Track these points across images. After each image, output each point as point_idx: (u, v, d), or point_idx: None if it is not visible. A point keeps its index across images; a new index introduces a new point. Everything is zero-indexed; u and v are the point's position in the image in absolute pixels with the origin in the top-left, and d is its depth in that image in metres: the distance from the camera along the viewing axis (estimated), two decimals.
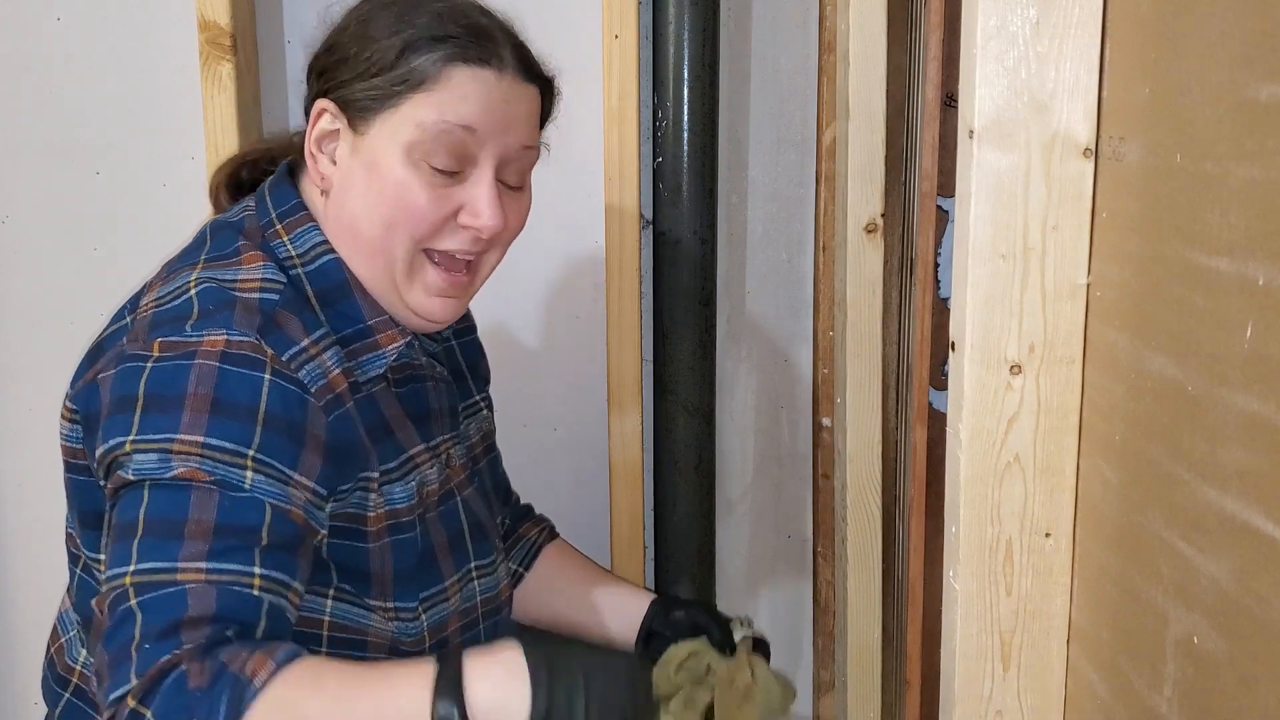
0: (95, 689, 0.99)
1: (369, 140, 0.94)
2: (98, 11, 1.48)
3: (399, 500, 0.97)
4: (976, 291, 0.75)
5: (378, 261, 0.95)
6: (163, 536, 0.81)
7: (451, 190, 0.94)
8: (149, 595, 0.80)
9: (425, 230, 0.94)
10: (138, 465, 0.83)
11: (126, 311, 0.96)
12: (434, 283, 0.96)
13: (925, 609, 1.18)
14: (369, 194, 0.94)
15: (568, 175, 1.55)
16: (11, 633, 1.62)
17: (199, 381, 0.84)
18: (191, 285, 0.91)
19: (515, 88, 0.95)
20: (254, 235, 0.96)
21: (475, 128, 0.93)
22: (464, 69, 0.92)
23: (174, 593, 0.80)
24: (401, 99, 0.92)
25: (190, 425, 0.83)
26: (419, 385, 1.04)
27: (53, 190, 1.52)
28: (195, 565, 0.81)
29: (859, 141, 1.39)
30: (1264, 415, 0.57)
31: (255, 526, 0.83)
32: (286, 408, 0.87)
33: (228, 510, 0.83)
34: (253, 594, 0.82)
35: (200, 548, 0.81)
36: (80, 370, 0.95)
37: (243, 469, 0.84)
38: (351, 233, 0.95)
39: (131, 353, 0.88)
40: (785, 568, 1.81)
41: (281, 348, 0.88)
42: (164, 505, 0.83)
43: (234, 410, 0.85)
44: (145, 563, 0.81)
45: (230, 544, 0.82)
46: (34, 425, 1.57)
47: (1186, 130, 0.64)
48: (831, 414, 1.63)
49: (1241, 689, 0.60)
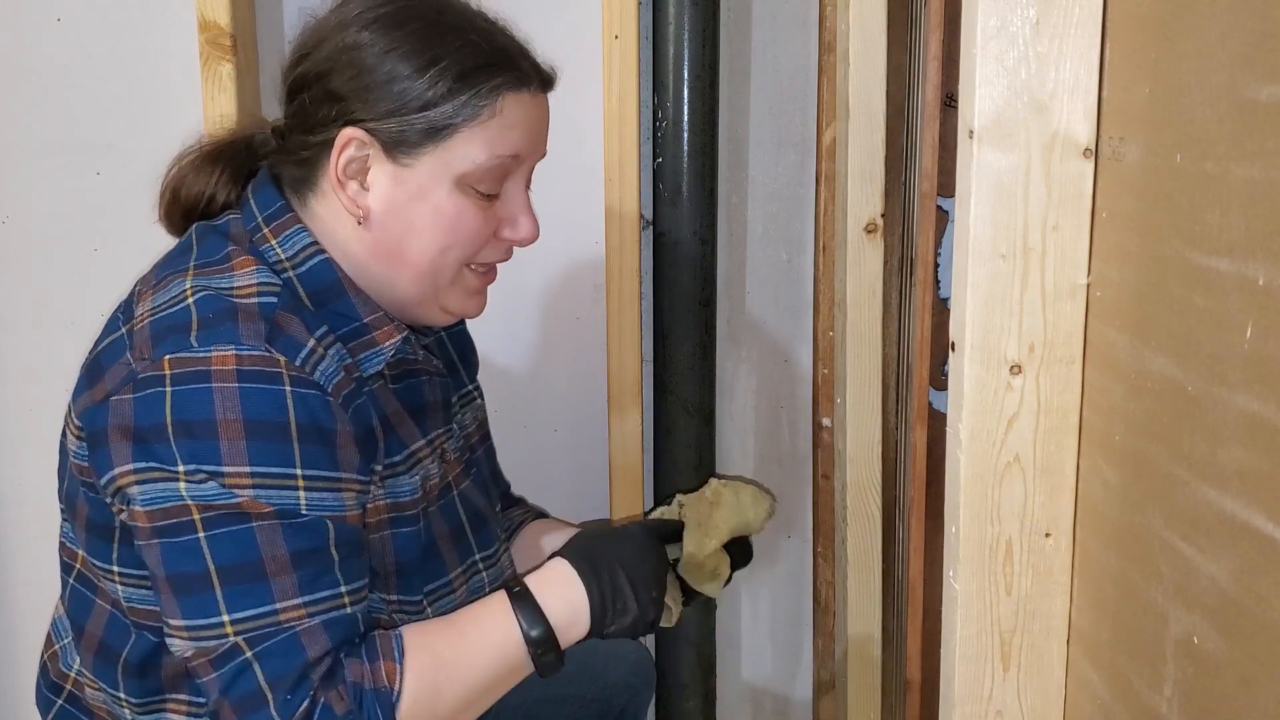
0: (90, 697, 1.00)
1: (415, 172, 0.93)
2: (98, 12, 1.48)
3: (404, 494, 0.98)
4: (976, 291, 0.75)
5: (426, 281, 0.97)
6: (248, 580, 0.85)
7: (493, 209, 0.97)
8: (262, 646, 0.85)
9: (475, 250, 0.98)
10: (193, 490, 0.85)
11: (120, 322, 0.94)
12: (473, 285, 1.00)
13: (925, 609, 1.18)
14: (420, 222, 0.95)
15: (568, 176, 1.55)
16: (11, 633, 1.62)
17: (224, 406, 0.85)
18: (189, 294, 0.90)
19: (541, 101, 0.99)
20: (241, 240, 0.96)
21: (522, 155, 0.97)
22: (509, 97, 0.94)
23: (287, 638, 0.86)
24: (454, 132, 0.93)
25: (231, 455, 0.85)
26: (415, 381, 1.04)
27: (53, 190, 1.52)
28: (292, 603, 0.86)
29: (859, 141, 1.39)
30: (1264, 415, 0.57)
31: (324, 546, 0.88)
32: (312, 415, 0.87)
33: (294, 538, 0.86)
34: (348, 613, 0.89)
35: (289, 583, 0.86)
36: (80, 386, 0.94)
37: (295, 489, 0.86)
38: (396, 256, 0.96)
39: (144, 375, 0.86)
40: (785, 568, 1.81)
41: (292, 352, 0.88)
42: (231, 546, 0.85)
43: (267, 431, 0.85)
44: (241, 611, 0.85)
45: (313, 570, 0.87)
46: (34, 425, 1.57)
47: (1186, 130, 0.64)
48: (831, 414, 1.63)
49: (1241, 689, 0.60)
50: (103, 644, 0.97)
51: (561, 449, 1.68)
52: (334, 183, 0.94)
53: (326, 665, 0.86)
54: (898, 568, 1.43)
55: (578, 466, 1.68)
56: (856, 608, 1.49)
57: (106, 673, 0.97)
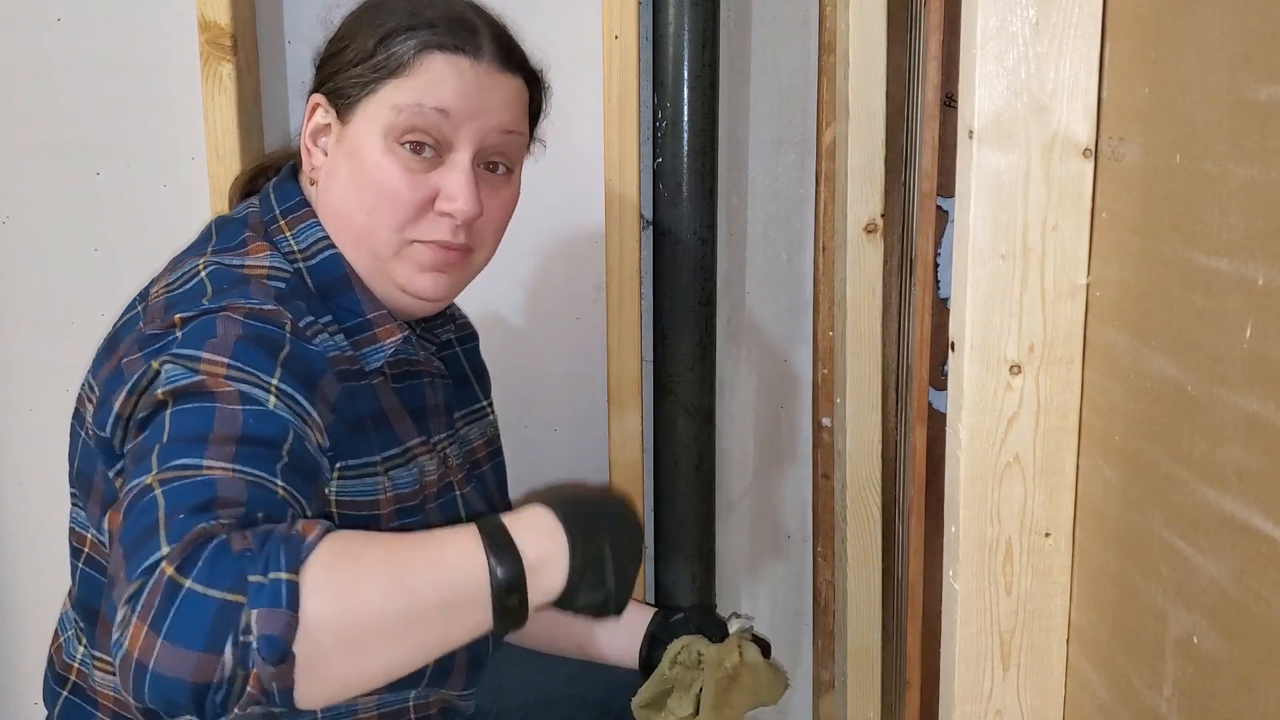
0: (99, 682, 1.00)
1: (351, 129, 0.97)
2: (98, 12, 1.48)
3: (405, 485, 0.98)
4: (976, 291, 0.75)
5: (364, 246, 0.97)
6: (188, 442, 0.77)
7: (429, 176, 0.96)
8: (173, 484, 0.74)
9: (404, 216, 0.96)
10: (165, 378, 0.81)
11: (137, 302, 0.97)
12: (425, 258, 0.97)
13: (925, 609, 1.18)
14: (350, 181, 0.96)
15: (568, 175, 1.55)
16: (12, 633, 1.62)
17: (225, 326, 0.85)
18: (201, 268, 0.93)
19: (493, 75, 0.98)
20: (258, 229, 0.99)
21: (449, 111, 0.95)
22: (439, 55, 0.95)
23: (202, 480, 0.74)
24: (380, 84, 0.95)
25: (216, 347, 0.83)
26: (416, 382, 1.05)
27: (53, 190, 1.52)
28: (221, 464, 0.75)
29: (859, 141, 1.39)
30: (1264, 415, 0.57)
31: (278, 440, 0.80)
32: (306, 359, 0.88)
33: (252, 423, 0.79)
34: (278, 497, 0.76)
35: (226, 450, 0.76)
36: (99, 360, 0.95)
37: (266, 390, 0.83)
38: (339, 220, 0.98)
39: (152, 333, 0.88)
40: (785, 568, 1.81)
41: (298, 316, 0.90)
42: (188, 420, 0.79)
43: (260, 342, 0.85)
44: (167, 462, 0.75)
45: (255, 451, 0.78)
46: (34, 425, 1.57)
47: (1186, 130, 0.64)
48: (831, 414, 1.63)
49: (1241, 689, 0.60)
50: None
51: (561, 449, 1.68)
52: (303, 147, 1.00)
53: (236, 512, 0.73)
54: (898, 568, 1.43)
55: (578, 466, 1.68)
56: (856, 608, 1.49)
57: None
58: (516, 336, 1.64)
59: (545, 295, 1.64)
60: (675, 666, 1.12)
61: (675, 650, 1.12)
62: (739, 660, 1.11)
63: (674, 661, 1.12)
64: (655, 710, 1.10)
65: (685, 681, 1.11)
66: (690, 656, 1.12)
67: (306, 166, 1.01)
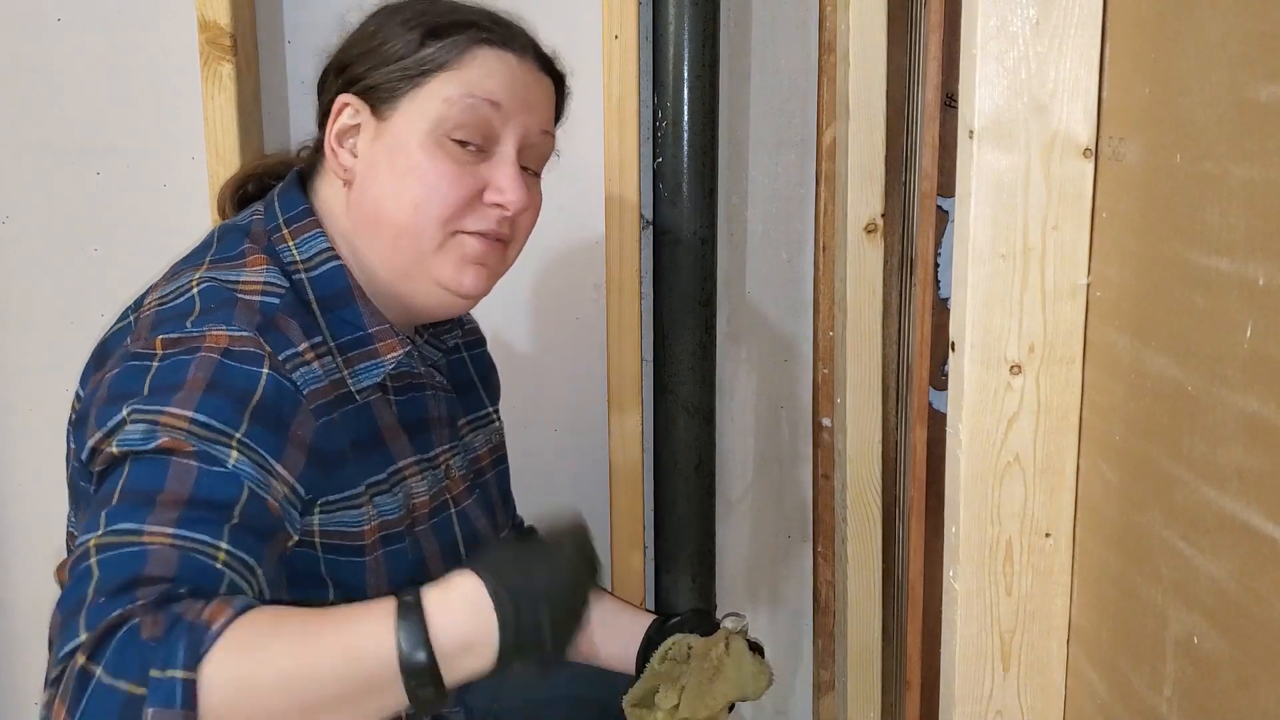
0: None
1: (393, 124, 0.96)
2: (98, 12, 1.48)
3: (389, 511, 0.97)
4: (976, 291, 0.75)
5: (404, 244, 0.95)
6: (135, 504, 0.78)
7: (477, 168, 0.96)
8: (109, 554, 0.75)
9: (453, 209, 0.95)
10: (124, 437, 0.82)
11: (130, 311, 0.96)
12: (469, 252, 0.97)
13: (925, 609, 1.18)
14: (394, 176, 0.95)
15: (568, 175, 1.55)
16: (12, 633, 1.62)
17: (198, 368, 0.85)
18: (194, 284, 0.92)
19: (535, 74, 1.00)
20: (260, 239, 0.97)
21: (501, 103, 0.96)
22: (488, 49, 0.96)
23: (135, 552, 0.75)
24: (428, 78, 0.95)
25: (182, 401, 0.83)
26: (418, 394, 1.04)
27: (53, 190, 1.52)
28: (161, 530, 0.77)
29: (859, 141, 1.39)
30: (1264, 415, 0.57)
31: (229, 503, 0.80)
32: (279, 401, 0.87)
33: (204, 485, 0.80)
34: (215, 565, 0.77)
35: (170, 515, 0.77)
36: (87, 371, 0.95)
37: (228, 447, 0.82)
38: (376, 219, 0.96)
39: (134, 350, 0.88)
40: (785, 568, 1.81)
41: (279, 348, 0.89)
42: (141, 476, 0.80)
43: (227, 392, 0.84)
44: (111, 525, 0.77)
45: (201, 515, 0.78)
46: (34, 425, 1.57)
47: (1186, 130, 0.64)
48: (831, 414, 1.63)
49: (1241, 689, 0.60)
50: None
51: (561, 449, 1.68)
52: (328, 149, 0.98)
53: (160, 589, 0.73)
54: (898, 568, 1.43)
55: (578, 466, 1.68)
56: (856, 608, 1.49)
57: None
58: (517, 336, 1.64)
59: (545, 295, 1.64)
60: (665, 662, 1.12)
61: (667, 646, 1.13)
62: (724, 651, 1.11)
63: (664, 657, 1.12)
64: (645, 709, 1.11)
65: (673, 675, 1.11)
66: (680, 652, 1.12)
67: (335, 169, 0.98)
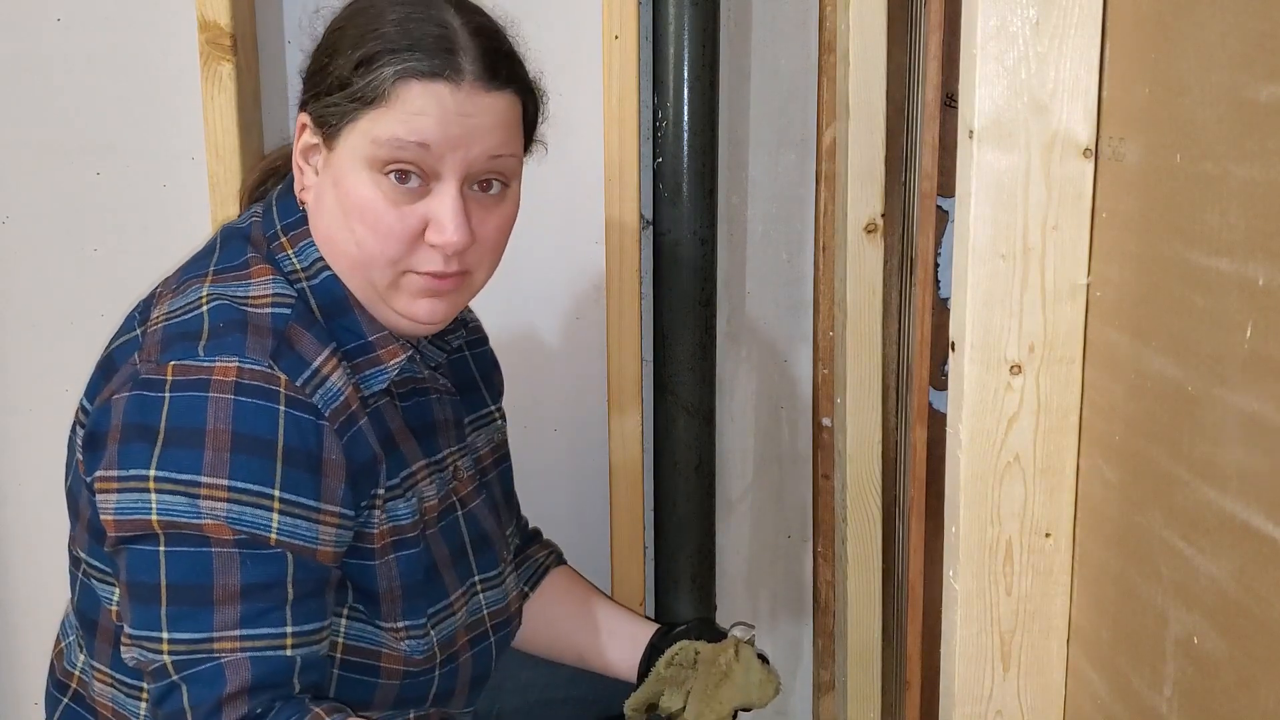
0: (97, 693, 1.00)
1: (338, 154, 0.93)
2: (98, 11, 1.48)
3: (403, 516, 0.97)
4: (976, 291, 0.75)
5: (358, 275, 0.94)
6: (193, 604, 0.85)
7: (416, 206, 0.92)
8: (189, 671, 0.85)
9: (395, 249, 0.92)
10: (164, 506, 0.85)
11: (136, 322, 0.95)
12: (420, 285, 0.94)
13: (925, 609, 1.18)
14: (340, 211, 0.93)
15: (568, 176, 1.55)
16: (12, 633, 1.62)
17: (217, 416, 0.85)
18: (204, 301, 0.91)
19: (476, 98, 0.91)
20: (260, 245, 0.97)
21: (430, 144, 0.90)
22: (416, 84, 0.89)
23: (212, 668, 0.85)
24: (359, 114, 0.91)
25: (214, 465, 0.84)
26: (423, 399, 1.04)
27: (53, 190, 1.52)
28: (229, 634, 0.85)
29: (859, 141, 1.39)
30: (1264, 415, 0.57)
31: (279, 580, 0.86)
32: (303, 439, 0.87)
33: (251, 570, 0.86)
34: (285, 655, 0.86)
35: (231, 615, 0.85)
36: (94, 384, 0.95)
37: (269, 510, 0.85)
38: (331, 246, 0.95)
39: (146, 376, 0.87)
40: (785, 568, 1.81)
41: (295, 372, 0.88)
42: (187, 569, 0.85)
43: (255, 446, 0.85)
44: (178, 632, 0.85)
45: (259, 606, 0.86)
46: (34, 425, 1.57)
47: (1186, 130, 0.64)
48: (831, 414, 1.63)
49: (1241, 689, 0.60)
50: (116, 634, 0.97)
51: (561, 449, 1.68)
52: (295, 167, 0.97)
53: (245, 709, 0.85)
54: (898, 568, 1.43)
55: (578, 466, 1.68)
56: (856, 608, 1.49)
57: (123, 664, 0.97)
58: (517, 337, 1.64)
59: (545, 296, 1.63)
60: (671, 666, 1.12)
61: (674, 651, 1.12)
62: (733, 657, 1.11)
63: (670, 662, 1.12)
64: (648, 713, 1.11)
65: (679, 679, 1.11)
66: (687, 657, 1.12)
67: (298, 185, 0.97)
